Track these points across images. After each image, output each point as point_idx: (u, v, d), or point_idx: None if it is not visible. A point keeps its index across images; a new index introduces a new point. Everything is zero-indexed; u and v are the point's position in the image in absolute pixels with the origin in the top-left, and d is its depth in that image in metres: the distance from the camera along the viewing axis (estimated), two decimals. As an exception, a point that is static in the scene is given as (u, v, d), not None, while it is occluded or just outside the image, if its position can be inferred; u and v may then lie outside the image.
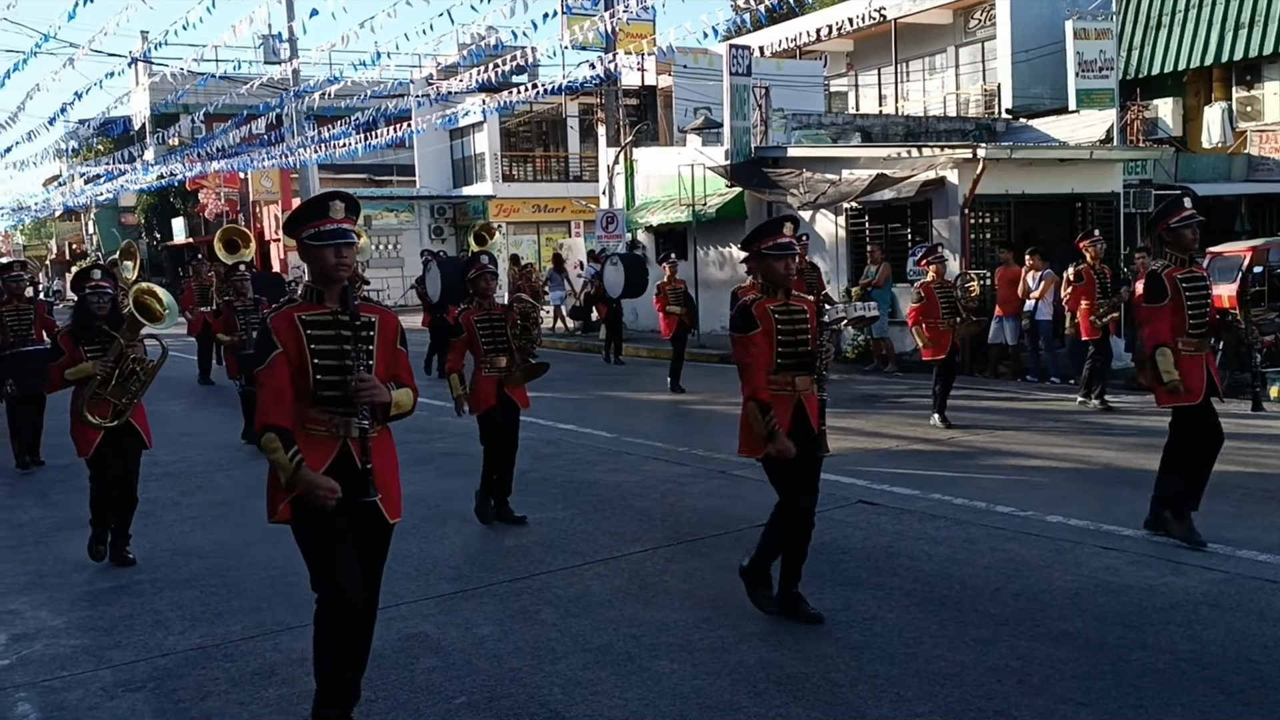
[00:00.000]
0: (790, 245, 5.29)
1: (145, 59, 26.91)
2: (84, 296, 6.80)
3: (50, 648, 5.31)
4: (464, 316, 7.29)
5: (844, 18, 28.04)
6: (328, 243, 3.87)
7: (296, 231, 3.91)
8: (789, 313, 5.19)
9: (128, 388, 6.62)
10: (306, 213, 3.94)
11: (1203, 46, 22.46)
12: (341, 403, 3.86)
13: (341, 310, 3.90)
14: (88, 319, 6.75)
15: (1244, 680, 4.38)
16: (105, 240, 50.12)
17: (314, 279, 3.97)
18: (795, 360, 5.16)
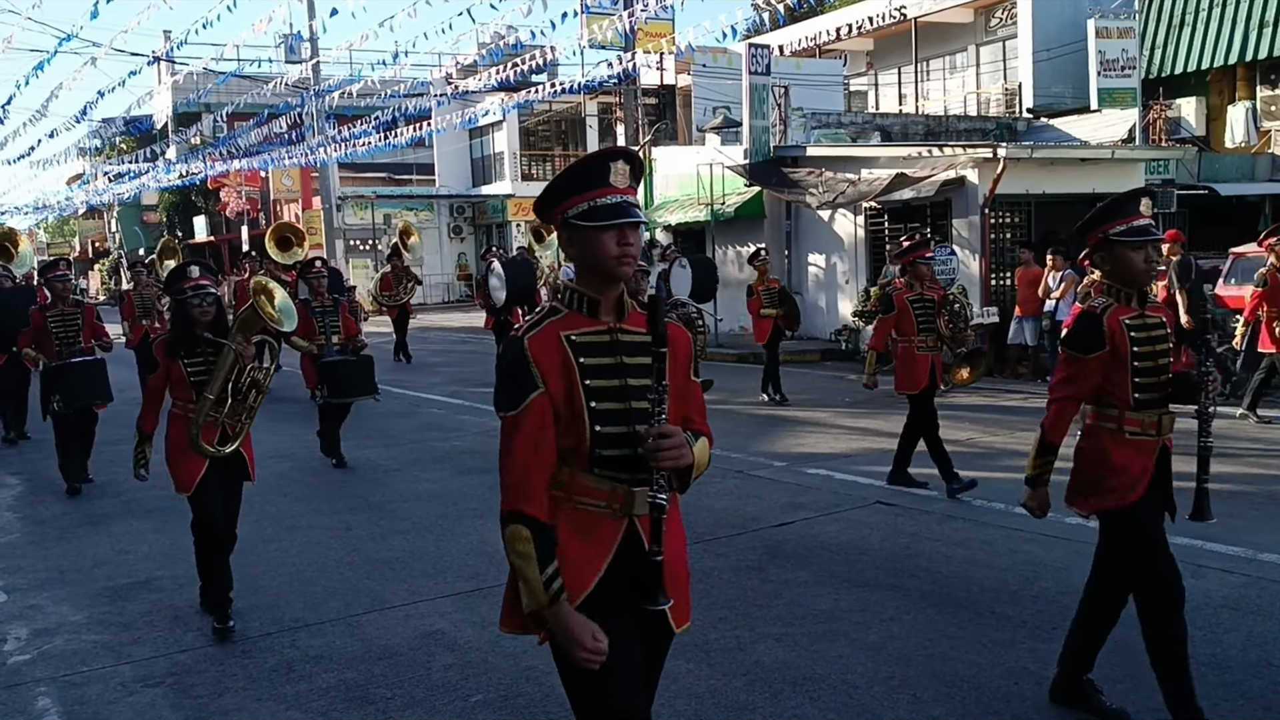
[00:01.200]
0: (1151, 228, 4.09)
1: (167, 58, 27.07)
2: (183, 300, 5.63)
3: (71, 643, 5.35)
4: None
5: (864, 16, 27.96)
6: (611, 223, 2.60)
7: (560, 207, 2.68)
8: (1147, 328, 3.99)
9: (245, 406, 5.60)
10: (575, 179, 2.68)
11: (1226, 45, 22.29)
12: (629, 466, 2.62)
13: (621, 326, 2.66)
14: (189, 326, 5.60)
15: (1265, 685, 4.35)
16: (127, 238, 50.50)
17: (588, 278, 2.67)
18: (1157, 394, 4.03)
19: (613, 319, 2.66)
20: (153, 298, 14.54)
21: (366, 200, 35.56)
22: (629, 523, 2.66)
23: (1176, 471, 4.25)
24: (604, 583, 2.62)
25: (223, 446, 5.48)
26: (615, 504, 2.64)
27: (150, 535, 7.47)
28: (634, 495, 2.63)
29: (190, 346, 5.58)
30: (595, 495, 2.64)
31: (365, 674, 4.77)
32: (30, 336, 9.28)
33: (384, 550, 6.84)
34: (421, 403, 13.41)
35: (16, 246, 16.80)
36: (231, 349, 5.50)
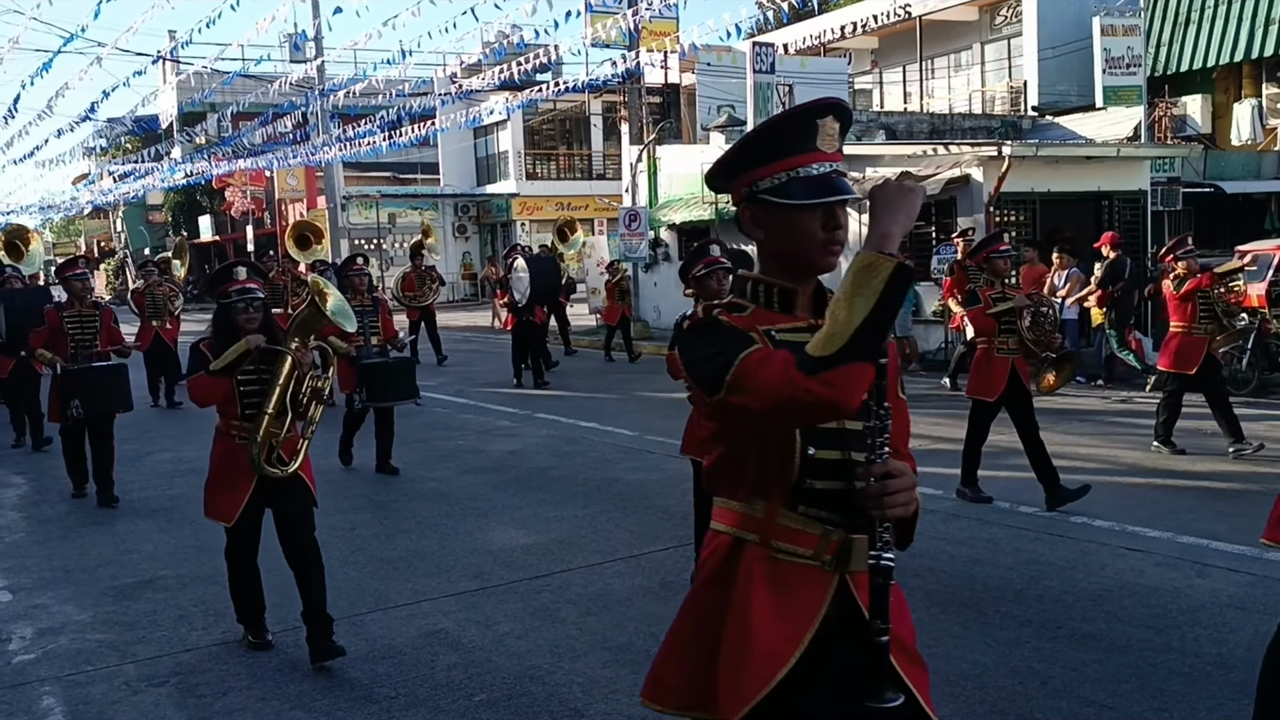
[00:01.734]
0: None
1: (172, 57, 27.10)
2: (228, 305, 5.02)
3: (75, 642, 5.36)
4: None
5: (869, 15, 27.92)
6: (813, 202, 2.08)
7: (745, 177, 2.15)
8: None
9: (306, 420, 5.02)
10: (771, 141, 2.12)
11: (1232, 43, 22.24)
12: (845, 504, 2.10)
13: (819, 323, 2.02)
14: (233, 334, 4.98)
15: (1271, 684, 4.33)
16: (133, 238, 50.59)
17: (778, 266, 2.17)
18: None
19: (810, 315, 2.16)
20: (164, 297, 14.25)
21: (371, 200, 35.58)
22: (841, 581, 2.11)
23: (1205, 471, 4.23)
24: (808, 659, 2.05)
25: (284, 467, 4.92)
26: (826, 554, 2.09)
27: (154, 534, 7.48)
28: (851, 544, 2.09)
29: None
30: (799, 540, 2.09)
31: (369, 673, 4.77)
32: (44, 337, 8.61)
33: (388, 549, 6.84)
34: (426, 402, 13.38)
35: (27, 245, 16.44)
36: (290, 356, 4.87)
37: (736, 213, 2.22)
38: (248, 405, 4.96)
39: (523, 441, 10.56)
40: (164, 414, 13.51)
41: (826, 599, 2.10)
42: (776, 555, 2.09)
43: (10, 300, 10.73)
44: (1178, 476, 8.16)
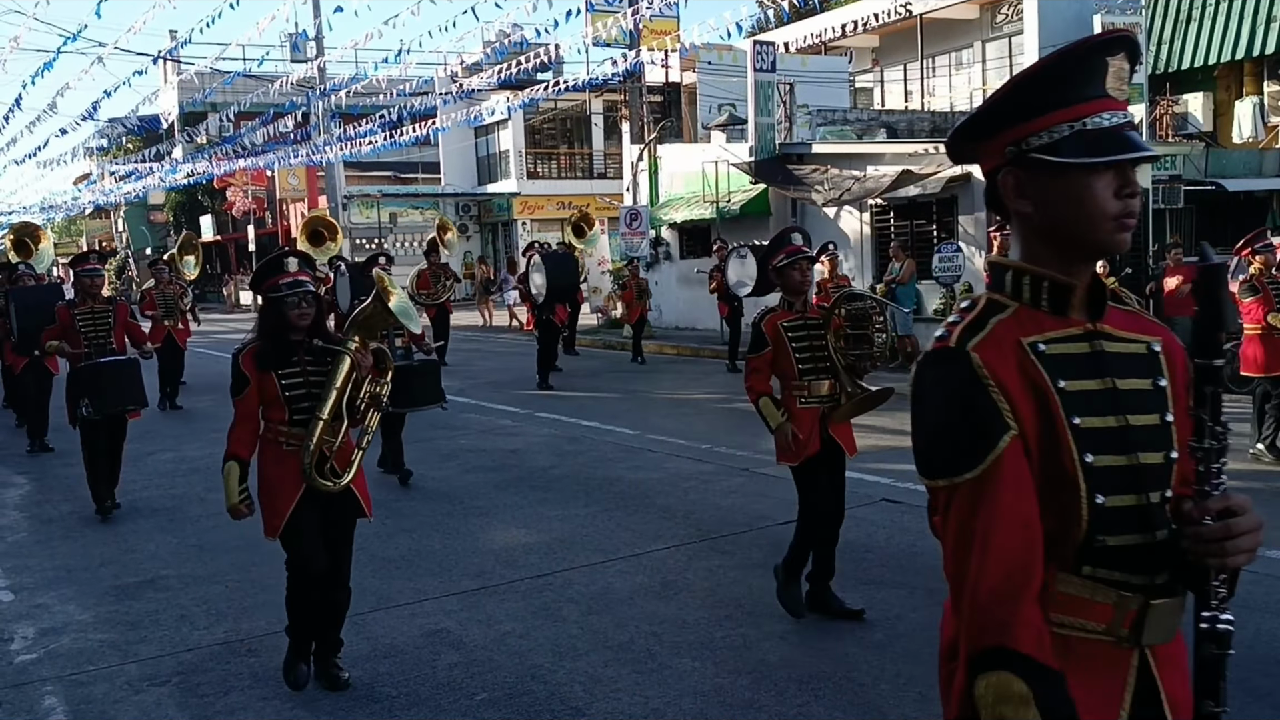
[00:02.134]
0: None
1: (173, 57, 27.13)
2: (278, 299, 4.50)
3: (77, 642, 5.36)
4: (768, 322, 5.24)
5: (869, 13, 27.88)
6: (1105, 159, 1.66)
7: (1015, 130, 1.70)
8: None
9: (363, 428, 4.69)
10: (1051, 80, 1.68)
11: (1233, 40, 22.21)
12: (1142, 562, 1.67)
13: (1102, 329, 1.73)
14: (282, 330, 4.52)
15: (1272, 683, 4.33)
16: (134, 238, 50.60)
17: (1051, 249, 1.71)
18: None
19: (1086, 318, 1.72)
20: (175, 296, 13.98)
21: (372, 199, 35.60)
22: (1141, 659, 1.68)
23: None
24: None
25: (337, 479, 4.52)
26: (1122, 626, 1.65)
27: (157, 534, 7.49)
28: (1150, 611, 1.66)
29: (284, 355, 4.51)
30: (1087, 612, 1.64)
31: (371, 672, 4.77)
32: (55, 335, 8.34)
33: (389, 549, 6.84)
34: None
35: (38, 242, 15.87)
36: (348, 357, 4.48)
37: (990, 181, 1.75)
38: (297, 411, 4.50)
39: (524, 441, 10.56)
40: (168, 414, 13.50)
41: (1128, 683, 1.67)
42: (1056, 630, 1.61)
43: (22, 298, 10.43)
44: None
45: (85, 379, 8.00)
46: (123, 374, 8.13)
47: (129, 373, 8.17)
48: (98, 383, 7.99)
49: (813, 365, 5.23)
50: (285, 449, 4.53)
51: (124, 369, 8.16)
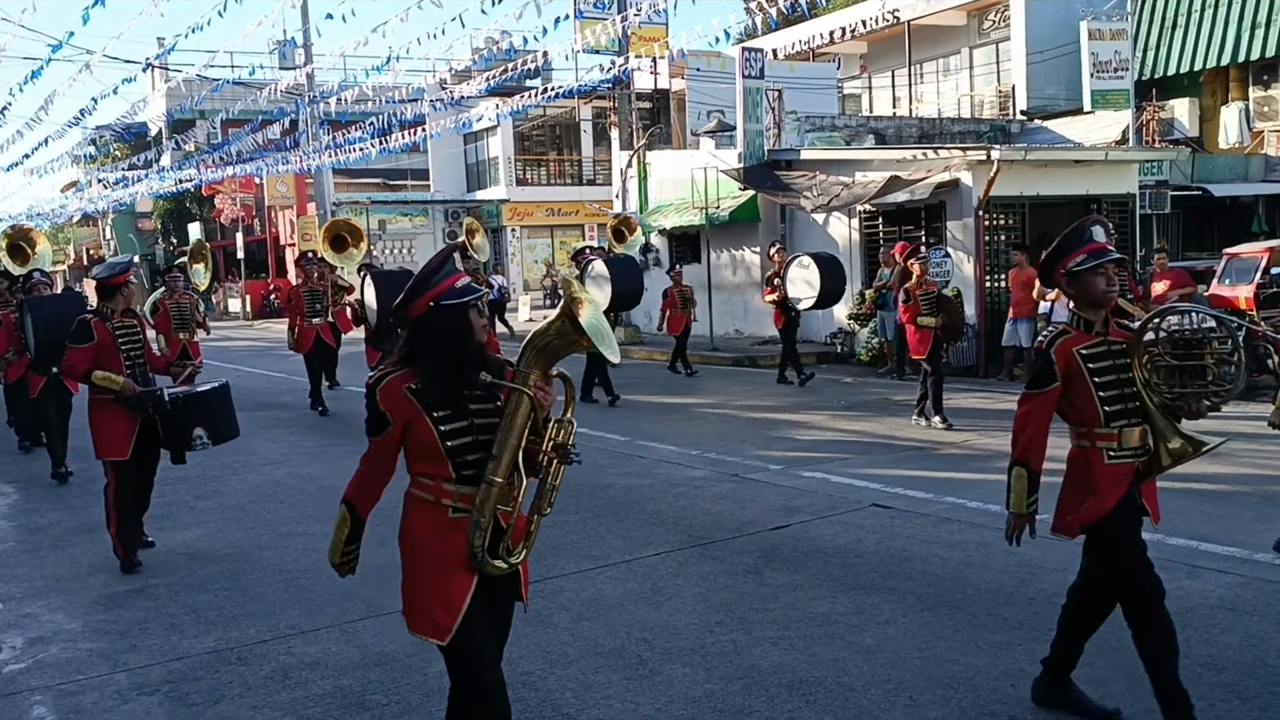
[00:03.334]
0: None
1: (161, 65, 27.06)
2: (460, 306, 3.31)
3: (66, 651, 5.34)
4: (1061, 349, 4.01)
5: (857, 20, 28.02)
6: None
7: None
8: None
9: (546, 487, 3.39)
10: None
11: (1219, 46, 22.35)
12: None
13: None
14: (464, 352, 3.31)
15: (1260, 685, 4.35)
16: (122, 246, 50.41)
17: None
18: None
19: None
20: (190, 307, 12.89)
21: (361, 206, 35.56)
22: None
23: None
24: None
25: (510, 557, 3.41)
26: None
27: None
28: None
29: (464, 387, 3.30)
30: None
31: (361, 680, 4.77)
32: (91, 356, 6.74)
33: (380, 556, 6.78)
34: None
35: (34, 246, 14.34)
36: (527, 395, 3.23)
37: None
38: (464, 466, 3.31)
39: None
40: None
41: None
42: None
43: (39, 309, 9.23)
44: (1166, 478, 8.14)
45: (197, 407, 6.92)
46: (225, 399, 7.16)
47: (227, 397, 7.19)
48: (209, 410, 7.00)
49: (1122, 406, 4.00)
50: (451, 516, 3.36)
51: (224, 393, 7.15)
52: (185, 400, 6.86)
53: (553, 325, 3.32)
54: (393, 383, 3.30)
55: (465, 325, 3.29)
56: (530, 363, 3.31)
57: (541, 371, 3.32)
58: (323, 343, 13.55)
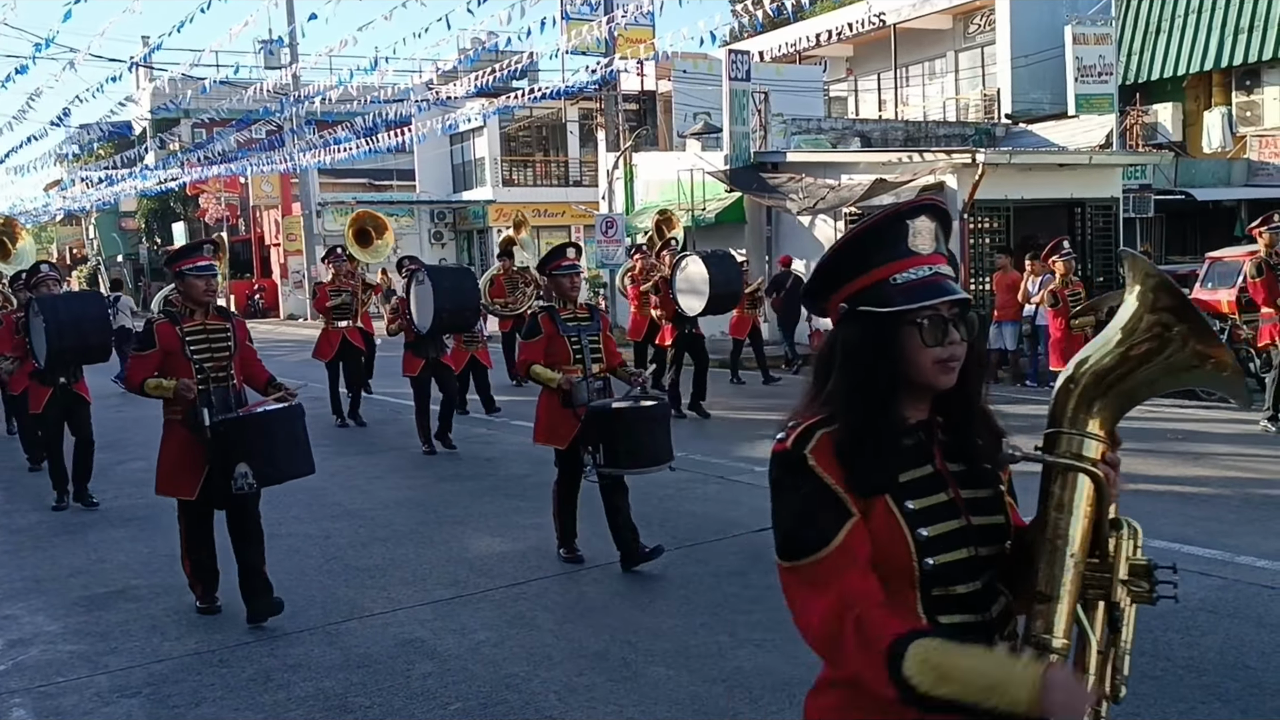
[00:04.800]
0: None
1: (145, 64, 26.94)
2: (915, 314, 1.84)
3: (46, 653, 5.30)
4: None
5: (844, 23, 28.09)
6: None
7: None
8: None
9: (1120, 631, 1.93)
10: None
11: (1202, 51, 22.48)
12: None
13: None
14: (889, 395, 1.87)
15: (1240, 687, 4.38)
16: (106, 245, 50.22)
17: None
18: None
19: None
20: None
21: (347, 206, 35.43)
22: None
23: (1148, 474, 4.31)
24: None
25: None
26: None
27: (127, 544, 7.42)
28: None
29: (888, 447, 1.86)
30: None
31: (344, 683, 4.75)
32: (154, 364, 5.56)
33: (363, 558, 6.80)
34: (402, 410, 13.34)
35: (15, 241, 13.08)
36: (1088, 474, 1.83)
37: None
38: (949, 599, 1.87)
39: (500, 449, 10.54)
40: (138, 421, 13.33)
41: None
42: None
43: (53, 310, 7.91)
44: (1149, 481, 8.22)
45: (250, 436, 5.45)
46: (295, 426, 5.59)
47: (299, 424, 5.62)
48: (267, 442, 5.47)
49: None
50: None
51: (293, 419, 5.60)
52: (226, 426, 5.38)
53: (1136, 331, 1.87)
54: (824, 441, 1.86)
55: (914, 347, 1.85)
56: (1086, 411, 1.90)
57: (1105, 430, 1.92)
58: (350, 348, 12.25)
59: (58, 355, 7.86)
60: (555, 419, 6.34)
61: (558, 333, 6.38)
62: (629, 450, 6.09)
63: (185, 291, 5.70)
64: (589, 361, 6.44)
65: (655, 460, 6.22)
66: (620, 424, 6.11)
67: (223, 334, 5.69)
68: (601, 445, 6.04)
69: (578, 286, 6.61)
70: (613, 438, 6.04)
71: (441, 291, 9.82)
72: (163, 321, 5.68)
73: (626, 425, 6.13)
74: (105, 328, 8.36)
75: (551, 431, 6.38)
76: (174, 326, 5.60)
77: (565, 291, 6.54)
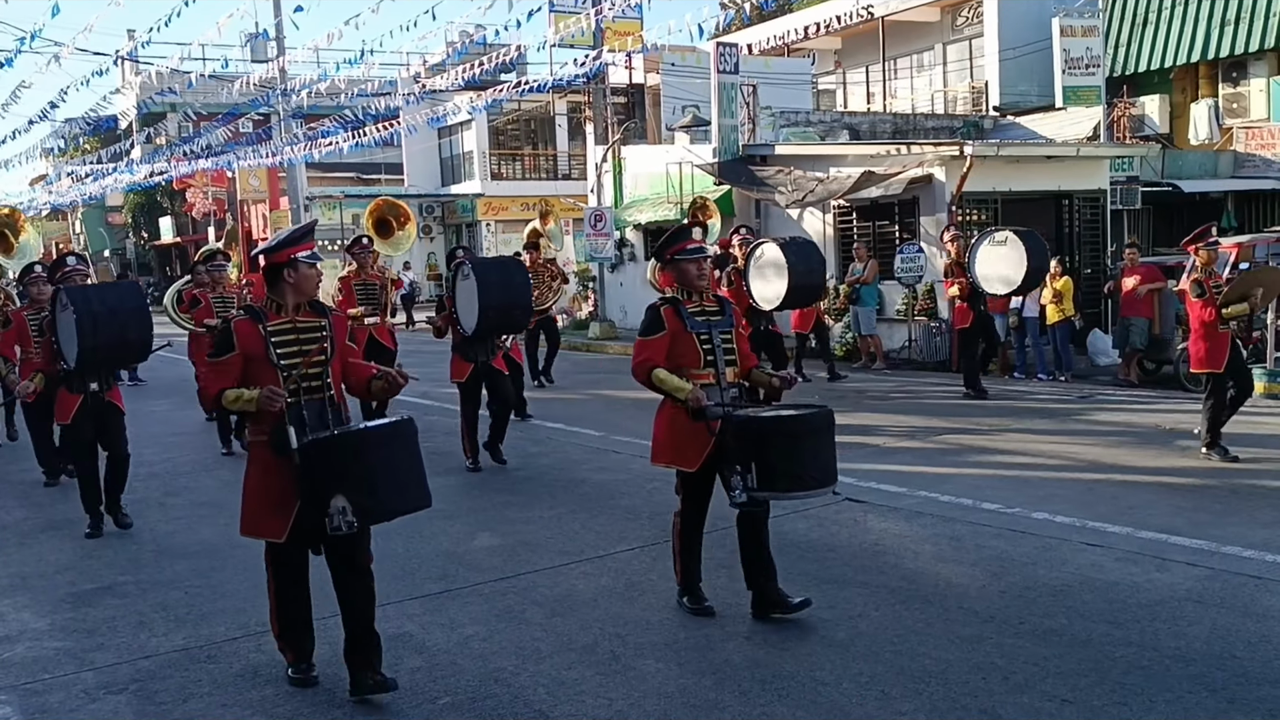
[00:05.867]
0: None
1: (131, 58, 26.79)
2: None
3: (32, 650, 5.28)
4: None
5: (831, 15, 28.04)
6: None
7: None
8: None
9: None
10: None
11: (1189, 43, 22.53)
12: None
13: None
14: None
15: (1227, 676, 4.39)
16: (92, 240, 49.95)
17: None
18: None
19: None
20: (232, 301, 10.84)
21: (335, 200, 35.33)
22: None
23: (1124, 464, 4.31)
24: None
25: None
26: None
27: (114, 540, 7.38)
28: None
29: None
30: None
31: (332, 677, 4.73)
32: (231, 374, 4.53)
33: (352, 552, 6.77)
34: (390, 405, 13.33)
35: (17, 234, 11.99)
36: None
37: None
38: None
39: (488, 443, 10.50)
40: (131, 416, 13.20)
41: None
42: None
43: (84, 302, 6.96)
44: (1137, 472, 8.26)
45: (346, 460, 4.32)
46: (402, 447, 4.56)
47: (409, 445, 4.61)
48: (368, 467, 4.35)
49: None
50: None
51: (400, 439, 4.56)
52: (316, 448, 4.31)
53: None
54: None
55: None
56: None
57: None
58: (379, 347, 11.03)
59: (90, 354, 6.91)
60: (682, 435, 5.23)
61: (684, 329, 5.24)
62: (790, 471, 4.95)
63: (295, 283, 4.61)
64: (722, 364, 5.30)
65: (823, 481, 5.04)
66: (781, 438, 4.98)
67: (316, 332, 4.63)
68: (754, 464, 4.93)
69: (705, 274, 5.36)
70: (771, 455, 4.92)
71: (488, 286, 8.70)
72: (242, 319, 4.64)
73: (789, 439, 4.99)
74: (145, 322, 7.24)
75: (677, 451, 5.29)
76: (256, 325, 4.56)
77: (692, 281, 5.30)
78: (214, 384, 4.57)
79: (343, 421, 4.65)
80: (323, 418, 4.57)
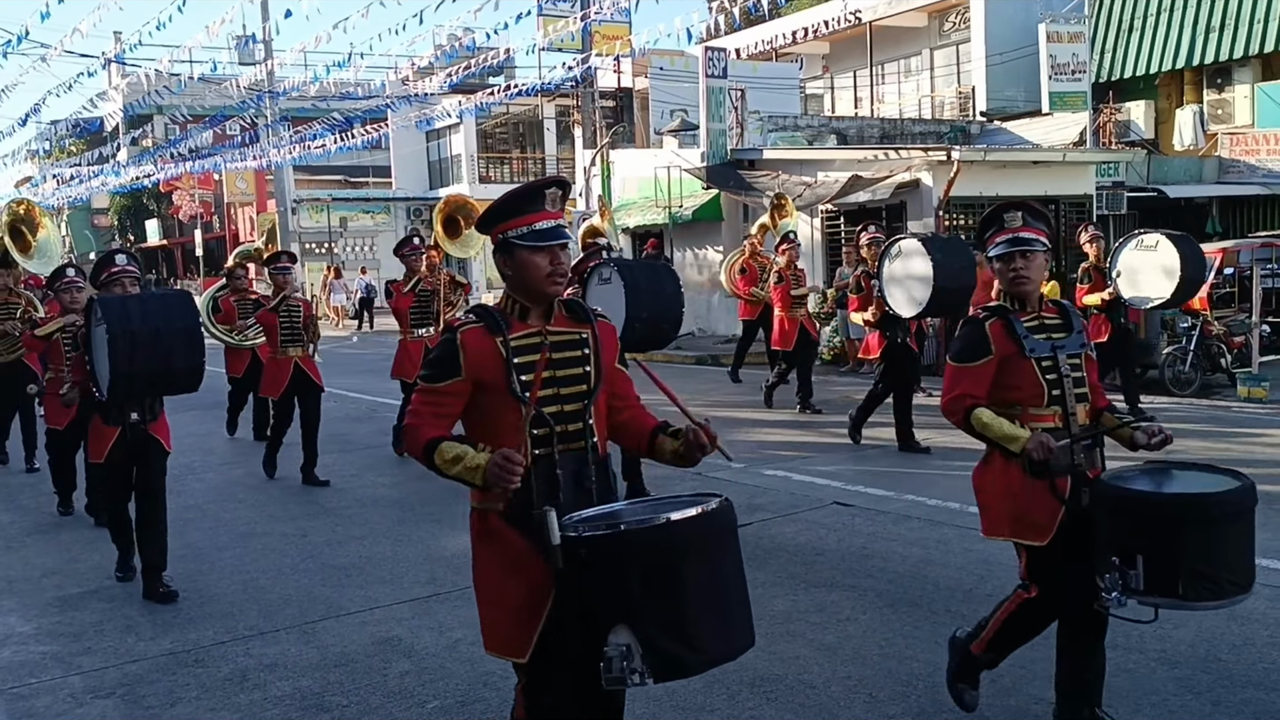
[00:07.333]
0: None
1: (119, 60, 26.71)
2: None
3: (19, 654, 5.26)
4: None
5: (819, 20, 28.13)
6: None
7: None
8: None
9: None
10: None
11: (1174, 50, 22.65)
12: None
13: None
14: None
15: (1212, 679, 4.42)
16: (78, 242, 49.73)
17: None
18: None
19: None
20: None
21: (322, 203, 35.28)
22: None
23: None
24: None
25: None
26: None
27: (101, 544, 7.32)
28: None
29: None
30: None
31: (321, 682, 4.73)
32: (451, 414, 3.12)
33: (340, 556, 6.78)
34: (378, 408, 13.30)
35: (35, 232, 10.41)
36: None
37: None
38: None
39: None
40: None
41: None
42: None
43: (121, 318, 5.51)
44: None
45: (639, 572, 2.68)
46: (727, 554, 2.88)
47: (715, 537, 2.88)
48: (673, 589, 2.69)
49: None
50: None
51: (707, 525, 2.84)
52: (593, 550, 2.73)
53: None
54: None
55: None
56: None
57: None
58: None
59: (125, 383, 5.54)
60: (1025, 501, 3.80)
61: (1020, 353, 3.77)
62: (1200, 570, 3.34)
63: (523, 275, 3.02)
64: (1071, 400, 3.79)
65: (1244, 586, 3.40)
66: (1196, 521, 3.36)
67: (578, 347, 3.10)
68: (1142, 556, 3.39)
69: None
70: (1177, 547, 3.35)
71: (637, 294, 7.07)
72: (472, 327, 3.01)
73: (1205, 527, 3.35)
74: (196, 345, 5.72)
75: (1018, 520, 3.86)
76: (492, 337, 2.99)
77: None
78: (426, 427, 3.06)
79: (609, 487, 3.13)
80: (580, 481, 3.05)
